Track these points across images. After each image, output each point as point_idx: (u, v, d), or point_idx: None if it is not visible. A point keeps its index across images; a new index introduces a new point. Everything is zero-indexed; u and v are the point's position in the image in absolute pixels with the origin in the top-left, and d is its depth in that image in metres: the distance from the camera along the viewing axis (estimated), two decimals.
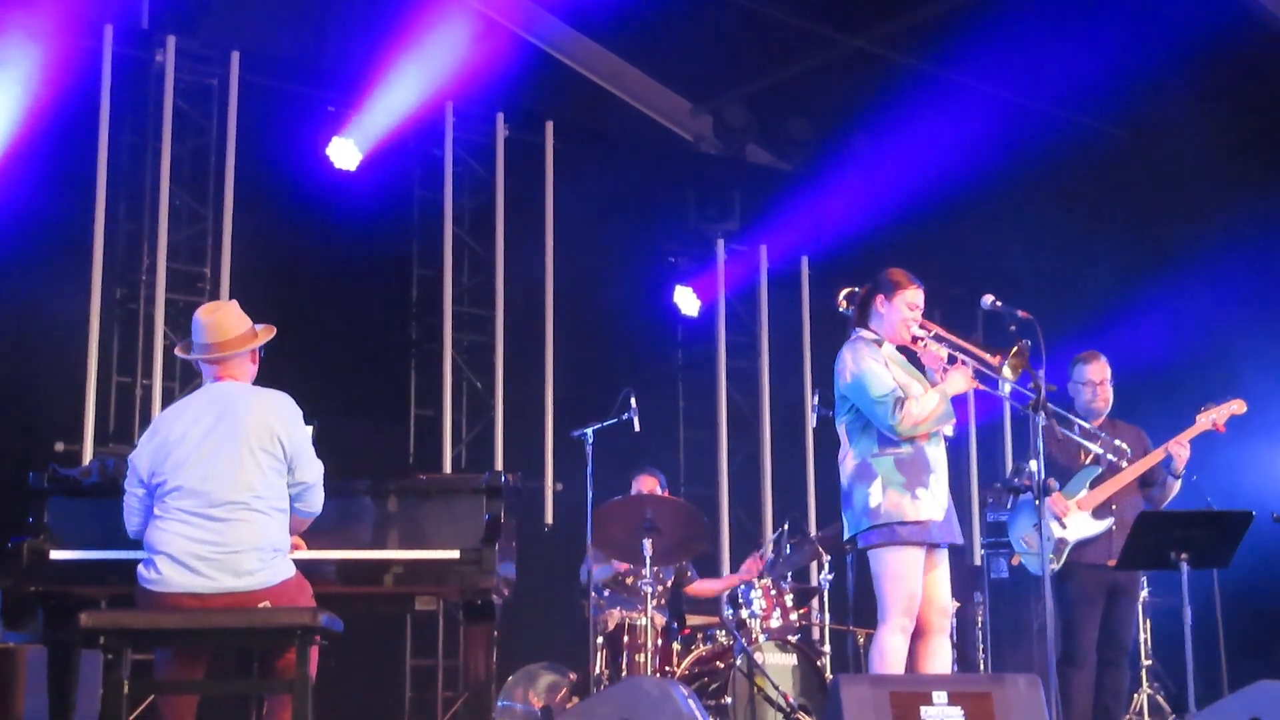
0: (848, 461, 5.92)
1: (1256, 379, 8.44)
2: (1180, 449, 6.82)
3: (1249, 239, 9.71)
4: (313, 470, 5.07)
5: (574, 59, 10.94)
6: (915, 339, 5.93)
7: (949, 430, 5.93)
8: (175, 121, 8.85)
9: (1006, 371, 5.75)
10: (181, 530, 4.84)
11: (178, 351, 5.29)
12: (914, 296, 5.92)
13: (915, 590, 5.76)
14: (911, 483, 5.76)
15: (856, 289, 6.06)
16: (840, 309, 6.12)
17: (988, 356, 5.82)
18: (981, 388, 5.93)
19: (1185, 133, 9.83)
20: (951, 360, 5.90)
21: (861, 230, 10.32)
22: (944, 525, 5.82)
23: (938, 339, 5.92)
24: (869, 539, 5.81)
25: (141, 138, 8.90)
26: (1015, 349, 5.73)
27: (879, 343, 5.92)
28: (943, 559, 5.90)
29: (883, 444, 5.80)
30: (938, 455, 5.87)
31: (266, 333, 5.21)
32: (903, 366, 5.92)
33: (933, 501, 5.78)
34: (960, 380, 5.83)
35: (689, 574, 8.26)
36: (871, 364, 5.81)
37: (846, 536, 5.99)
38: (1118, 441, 6.72)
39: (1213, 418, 6.87)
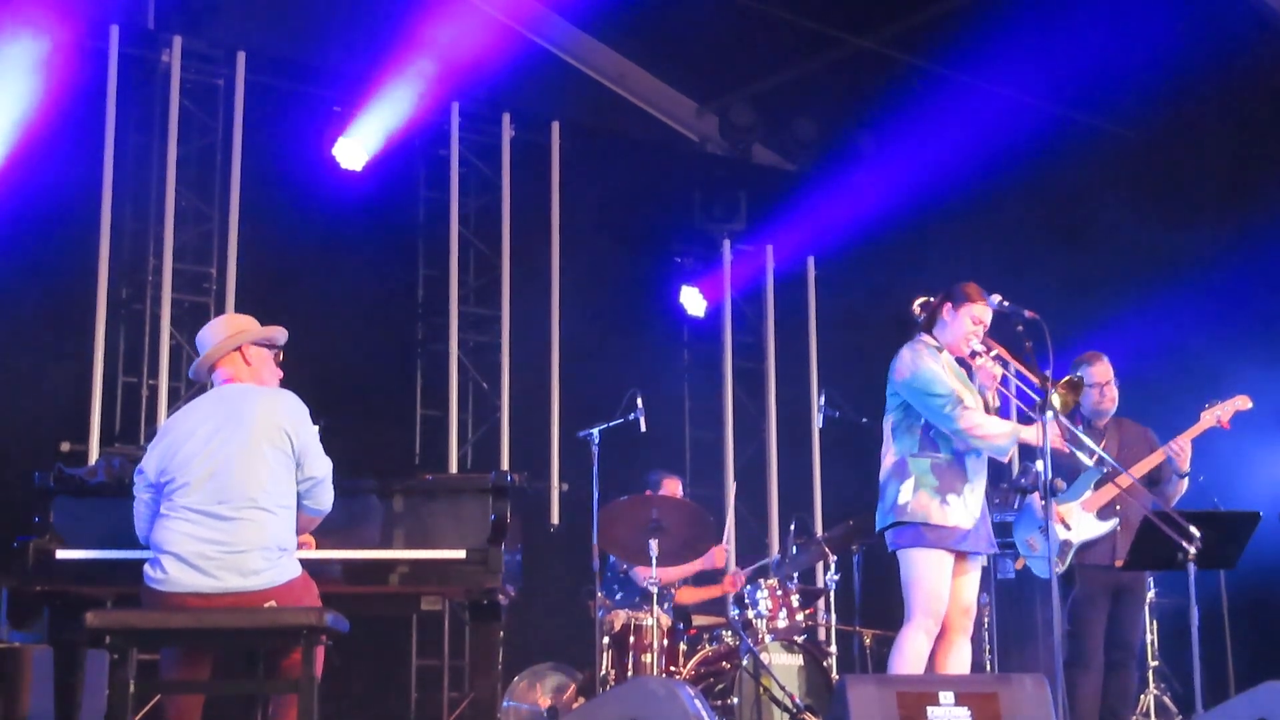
0: (888, 458, 6.00)
1: (1264, 378, 8.41)
2: (1180, 448, 6.80)
3: (1256, 237, 9.69)
4: (321, 466, 5.06)
5: (580, 59, 10.94)
6: (973, 354, 5.97)
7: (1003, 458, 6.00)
8: (181, 121, 8.86)
9: (1055, 402, 5.75)
10: (188, 529, 4.83)
11: (192, 375, 5.33)
12: (981, 312, 5.96)
13: (941, 592, 5.80)
14: (944, 488, 5.81)
15: (932, 297, 6.11)
16: (914, 315, 6.17)
17: (1040, 382, 5.81)
18: (1067, 449, 6.04)
19: (1191, 132, 9.81)
20: (1005, 381, 5.98)
21: (867, 230, 10.31)
22: (973, 535, 5.86)
23: (998, 359, 5.96)
24: (897, 539, 5.87)
25: (147, 138, 8.91)
26: (1068, 380, 5.78)
27: (939, 349, 5.98)
28: (975, 566, 5.97)
29: (923, 446, 5.88)
30: (976, 467, 5.92)
31: (269, 330, 5.22)
32: (958, 376, 5.96)
33: (963, 511, 5.83)
34: (1036, 434, 5.82)
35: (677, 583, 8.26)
36: (932, 364, 5.89)
37: (877, 529, 6.04)
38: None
39: (1217, 414, 6.85)
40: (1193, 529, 6.02)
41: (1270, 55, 9.42)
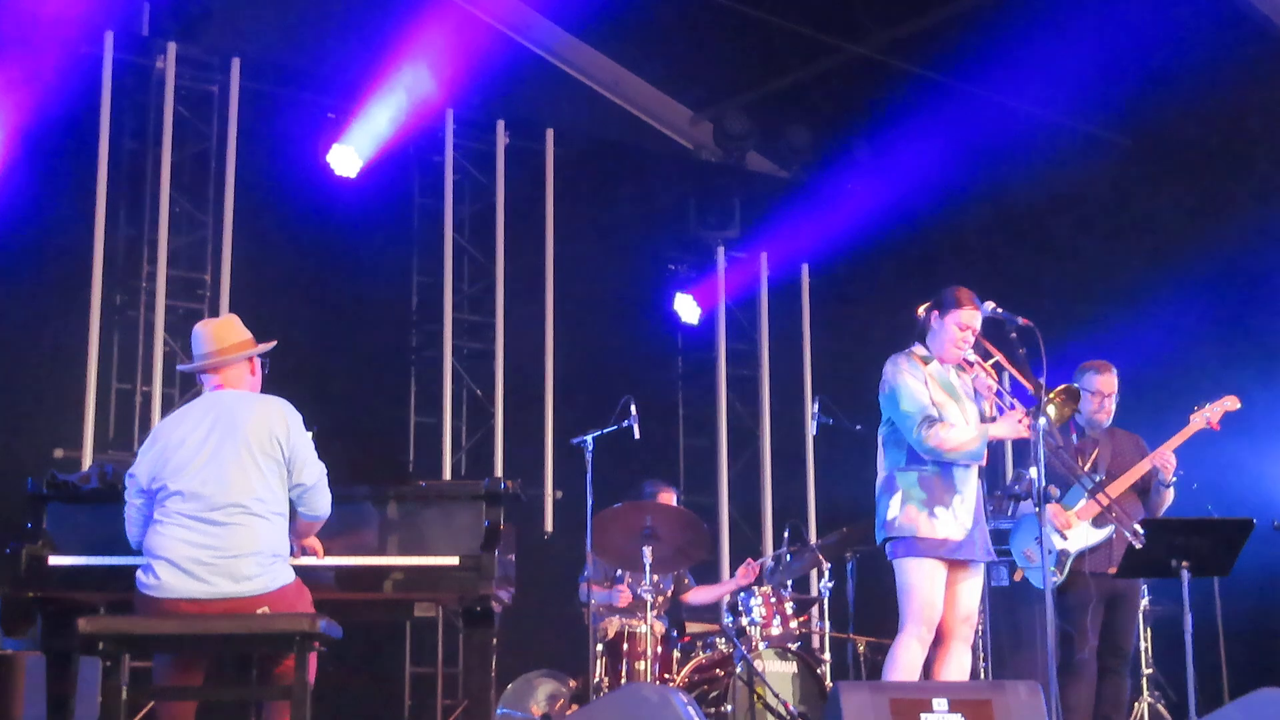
0: (880, 472, 5.99)
1: (1259, 384, 8.42)
2: (1165, 460, 6.80)
3: (1249, 244, 9.71)
4: (312, 472, 5.06)
5: (575, 66, 10.94)
6: (969, 363, 5.93)
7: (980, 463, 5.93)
8: (175, 128, 8.85)
9: (1051, 412, 5.71)
10: (181, 535, 4.83)
11: (180, 366, 5.31)
12: (968, 318, 5.89)
13: (933, 600, 5.77)
14: (931, 501, 5.78)
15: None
16: (917, 319, 6.10)
17: (1034, 390, 5.77)
18: (1029, 435, 5.84)
19: (1185, 139, 9.83)
20: (1000, 395, 5.93)
21: (862, 238, 10.32)
22: (966, 545, 5.82)
23: (998, 368, 5.92)
24: (892, 551, 5.86)
25: (142, 144, 8.90)
26: (1065, 388, 5.71)
27: (926, 360, 5.93)
28: (974, 572, 5.91)
29: (910, 460, 5.85)
30: (965, 478, 5.87)
31: (266, 344, 5.24)
32: (944, 386, 5.89)
33: (953, 522, 5.79)
34: (1006, 428, 5.82)
35: (686, 581, 8.26)
36: (908, 378, 5.84)
37: (878, 543, 6.03)
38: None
39: (1206, 416, 6.85)
40: (1137, 525, 6.07)
41: (1264, 64, 9.43)
